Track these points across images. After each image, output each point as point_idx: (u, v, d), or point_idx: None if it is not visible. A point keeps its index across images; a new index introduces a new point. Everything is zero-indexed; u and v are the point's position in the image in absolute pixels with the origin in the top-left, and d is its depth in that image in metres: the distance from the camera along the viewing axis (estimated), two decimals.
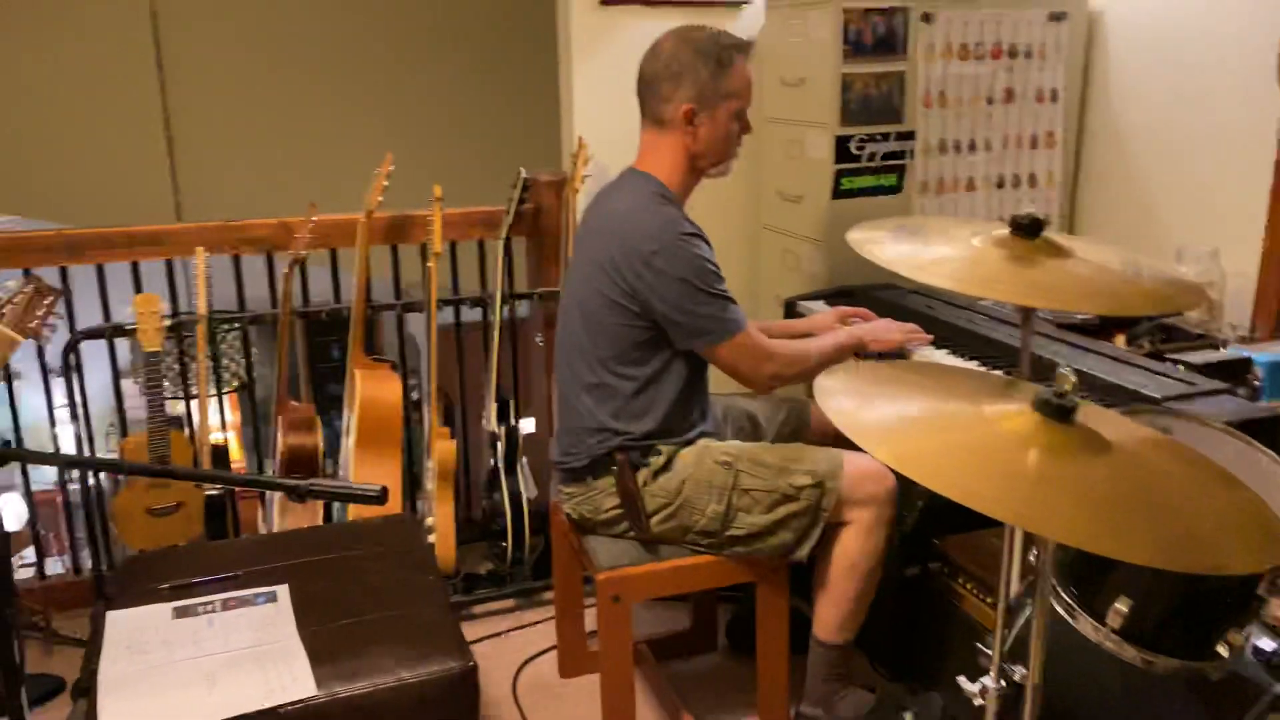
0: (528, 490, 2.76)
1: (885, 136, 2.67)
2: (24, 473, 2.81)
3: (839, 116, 2.61)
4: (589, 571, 2.11)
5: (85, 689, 1.63)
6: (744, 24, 2.86)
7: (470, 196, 2.80)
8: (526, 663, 2.54)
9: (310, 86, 4.13)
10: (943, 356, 2.23)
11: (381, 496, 1.30)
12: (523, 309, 3.00)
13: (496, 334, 2.77)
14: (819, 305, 2.58)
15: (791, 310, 2.66)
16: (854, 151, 2.65)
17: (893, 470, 1.52)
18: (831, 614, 2.05)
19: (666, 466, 2.03)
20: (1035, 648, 1.31)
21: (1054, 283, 1.37)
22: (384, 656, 1.71)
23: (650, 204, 2.00)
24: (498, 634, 2.66)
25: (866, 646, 2.27)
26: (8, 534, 2.91)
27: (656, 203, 2.00)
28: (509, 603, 2.80)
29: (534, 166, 2.88)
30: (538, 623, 2.70)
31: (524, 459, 2.81)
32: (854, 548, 2.01)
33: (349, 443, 2.66)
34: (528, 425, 2.84)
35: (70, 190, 3.93)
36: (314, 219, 2.62)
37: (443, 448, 2.69)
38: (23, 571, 2.91)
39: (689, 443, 2.07)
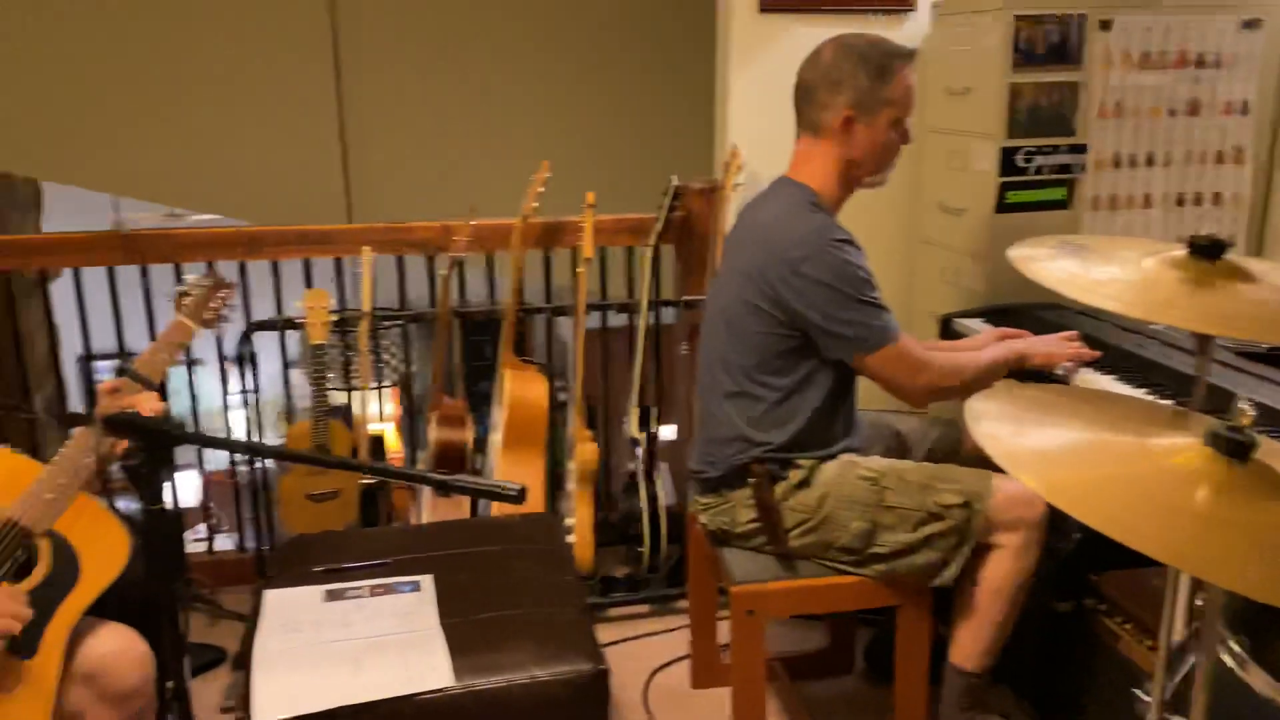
0: (666, 497, 2.77)
1: (1055, 149, 2.55)
2: (199, 454, 3.00)
3: (1006, 127, 2.51)
4: (724, 584, 2.09)
5: (242, 662, 1.73)
6: (908, 32, 2.79)
7: (622, 203, 2.83)
8: (658, 670, 2.54)
9: (473, 96, 4.27)
10: (1108, 383, 2.10)
11: (520, 496, 1.32)
12: (668, 316, 3.01)
13: (641, 340, 2.79)
14: (977, 324, 2.49)
15: (947, 327, 2.58)
16: (1021, 164, 2.54)
17: None
18: (972, 640, 1.97)
19: (807, 481, 1.99)
20: (1199, 700, 1.22)
21: (1235, 309, 1.28)
22: (519, 653, 1.73)
23: (800, 211, 1.97)
24: (630, 639, 2.68)
25: (1010, 679, 2.17)
26: (181, 512, 3.13)
27: (807, 210, 1.97)
28: (643, 608, 2.82)
29: (686, 174, 2.89)
30: (671, 630, 2.70)
31: (663, 465, 2.82)
32: (1000, 572, 1.93)
33: (496, 440, 2.73)
34: (668, 432, 2.85)
35: (256, 191, 4.20)
36: (473, 223, 2.70)
37: (585, 450, 2.72)
38: (194, 546, 3.11)
39: (831, 456, 2.02)
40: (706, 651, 2.45)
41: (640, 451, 2.79)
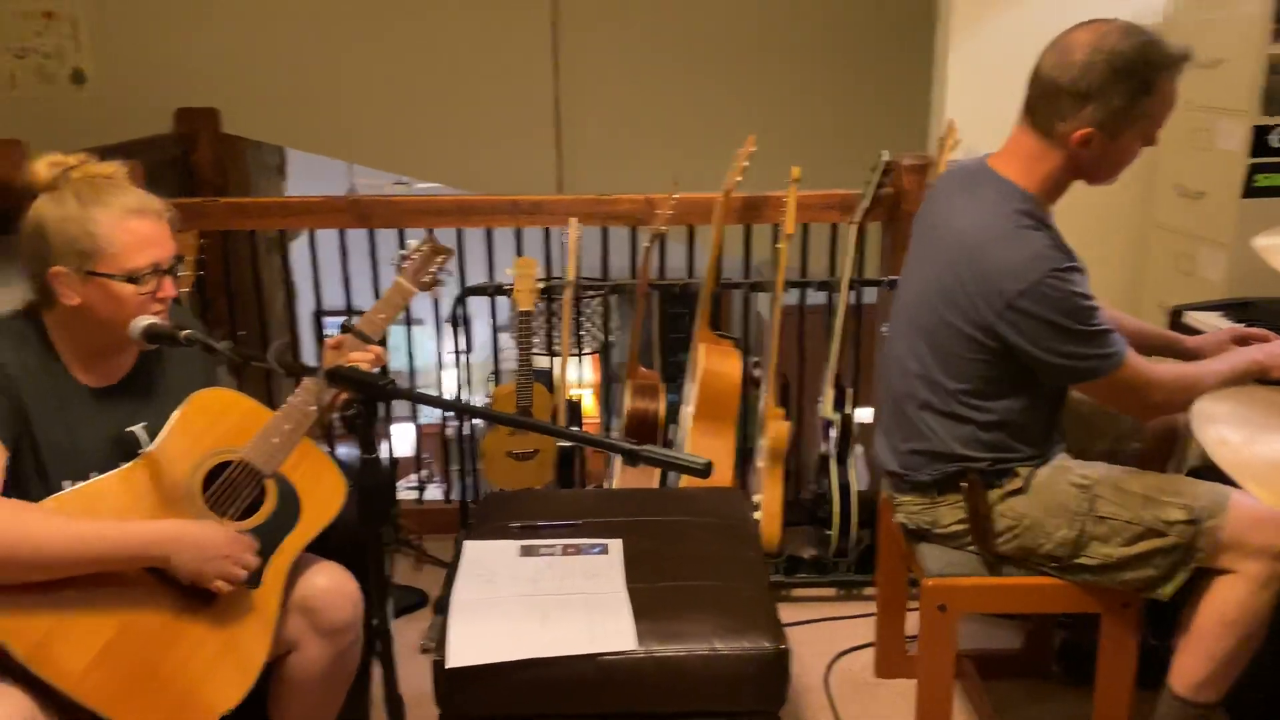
0: (859, 481, 2.71)
1: None
2: (414, 408, 3.19)
3: (1260, 104, 2.28)
4: (915, 575, 2.03)
5: (442, 607, 1.83)
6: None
7: (827, 179, 2.77)
8: (841, 655, 2.50)
9: (683, 70, 4.29)
10: None
11: (706, 470, 1.32)
12: (869, 296, 2.93)
13: (840, 319, 2.73)
14: (1212, 318, 2.28)
15: (1177, 320, 2.38)
16: (1275, 144, 2.31)
17: None
18: (1194, 668, 1.81)
19: (1022, 489, 1.88)
20: None
21: None
22: (701, 624, 1.75)
23: (1011, 229, 1.76)
24: (813, 621, 2.65)
25: (1238, 710, 1.98)
26: (395, 461, 3.33)
27: (1018, 226, 1.76)
28: (829, 591, 2.78)
29: (896, 149, 2.79)
30: (855, 617, 2.66)
31: (858, 448, 2.76)
32: (1234, 602, 1.76)
33: (688, 412, 2.76)
34: (864, 415, 2.78)
35: (476, 162, 4.40)
36: (676, 196, 2.72)
37: (776, 428, 2.70)
38: (406, 494, 3.32)
39: (1045, 460, 1.90)
40: (893, 641, 2.39)
41: (833, 433, 2.74)
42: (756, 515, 2.66)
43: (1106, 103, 1.72)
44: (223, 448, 1.69)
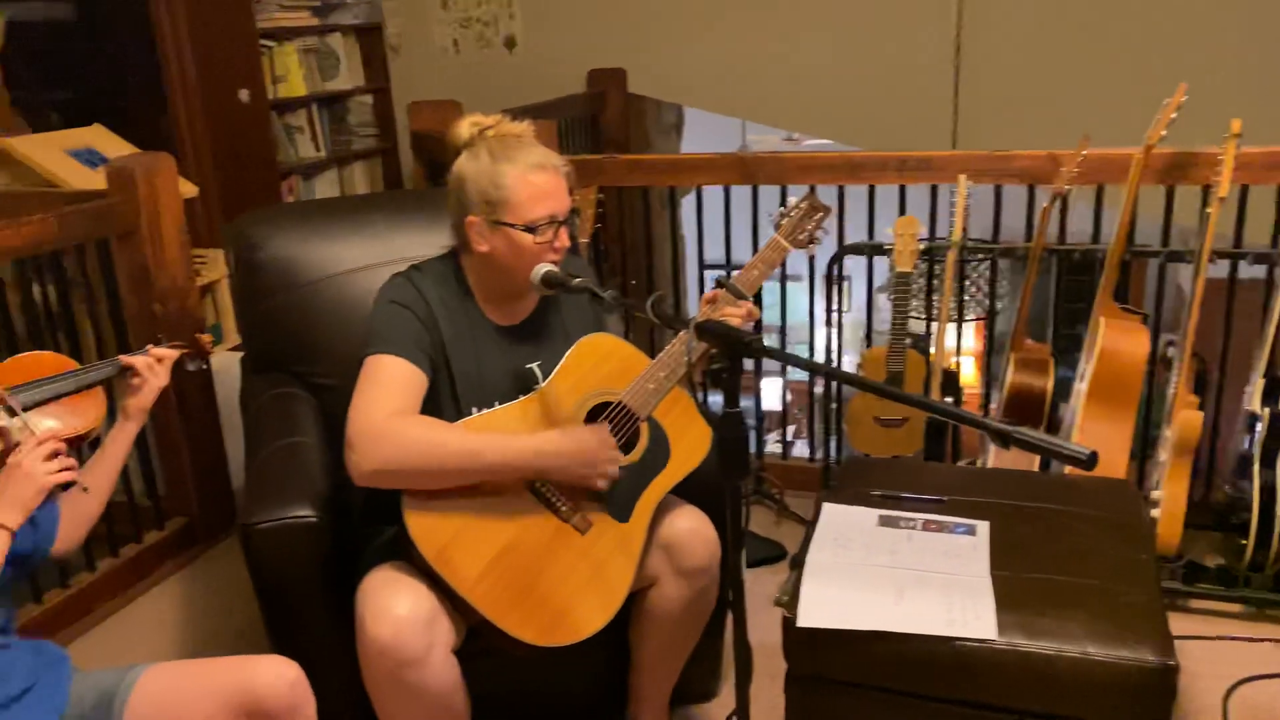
0: None
1: None
2: (783, 365, 3.22)
3: None
4: None
5: (798, 564, 1.84)
6: None
7: (1274, 134, 2.38)
8: (1244, 682, 2.19)
9: (1101, 10, 3.86)
10: None
11: (1090, 461, 1.20)
12: None
13: None
14: None
15: None
16: None
17: None
18: None
19: None
20: None
21: None
22: (1074, 624, 1.61)
23: None
24: (1213, 638, 2.33)
25: None
26: (762, 415, 3.38)
27: None
28: (1234, 607, 2.43)
29: None
30: (1267, 640, 2.30)
31: None
32: None
33: (1080, 391, 2.52)
34: None
35: (865, 117, 4.30)
36: (1084, 152, 2.47)
37: (1186, 418, 2.39)
38: (773, 447, 3.37)
39: None
40: None
41: (1260, 429, 2.38)
42: (1153, 513, 2.39)
43: None
44: (604, 389, 1.80)
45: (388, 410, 1.66)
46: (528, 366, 1.83)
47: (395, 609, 1.61)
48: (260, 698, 1.51)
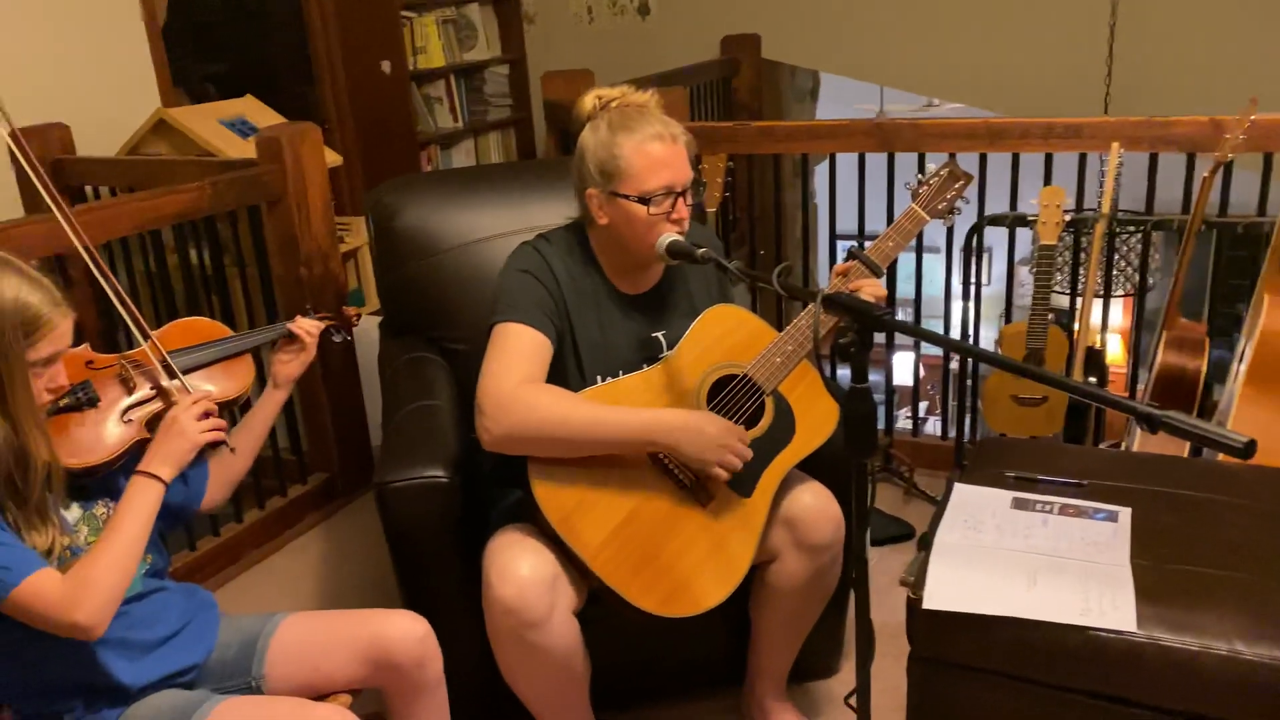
0: None
1: None
2: (916, 340, 3.13)
3: None
4: None
5: (926, 544, 1.79)
6: None
7: None
8: None
9: None
10: None
11: (1247, 450, 1.12)
12: None
13: None
14: None
15: None
16: None
17: None
18: None
19: None
20: None
21: None
22: (1222, 620, 1.52)
23: None
24: None
25: None
26: (893, 390, 3.30)
27: None
28: None
29: None
30: None
31: None
32: None
33: (1239, 372, 2.36)
34: None
35: (1009, 81, 4.11)
36: (1252, 118, 2.30)
37: None
38: (903, 424, 3.29)
39: None
40: None
41: None
42: None
43: None
44: (730, 361, 1.79)
45: (517, 378, 1.69)
46: (653, 335, 1.84)
47: (519, 570, 1.64)
48: (391, 650, 1.58)
